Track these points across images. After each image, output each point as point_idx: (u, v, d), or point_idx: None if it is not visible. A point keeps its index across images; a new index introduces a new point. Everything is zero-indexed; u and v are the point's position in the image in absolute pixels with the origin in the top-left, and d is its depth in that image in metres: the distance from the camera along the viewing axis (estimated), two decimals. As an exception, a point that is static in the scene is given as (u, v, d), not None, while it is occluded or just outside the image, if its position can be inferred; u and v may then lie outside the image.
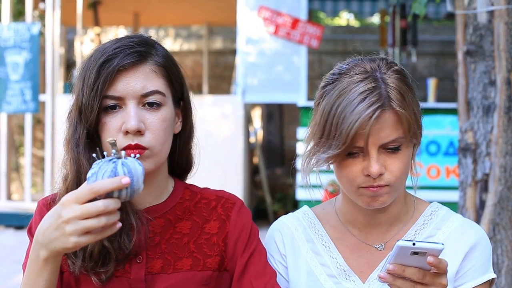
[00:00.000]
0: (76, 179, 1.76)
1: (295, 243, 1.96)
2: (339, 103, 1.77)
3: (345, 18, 19.24)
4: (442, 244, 1.57)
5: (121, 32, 15.53)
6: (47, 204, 1.86)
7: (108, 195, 1.50)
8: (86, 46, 15.04)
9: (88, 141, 1.77)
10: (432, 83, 9.19)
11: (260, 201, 10.88)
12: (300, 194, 9.49)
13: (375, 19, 15.75)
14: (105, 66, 1.73)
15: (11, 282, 6.75)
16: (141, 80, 1.75)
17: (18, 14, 11.99)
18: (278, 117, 13.75)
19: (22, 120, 11.89)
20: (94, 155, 1.60)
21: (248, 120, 10.38)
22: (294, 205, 10.53)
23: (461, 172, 3.81)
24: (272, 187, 11.25)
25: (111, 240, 1.74)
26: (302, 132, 9.45)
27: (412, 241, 1.55)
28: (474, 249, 1.87)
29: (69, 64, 14.17)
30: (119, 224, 1.51)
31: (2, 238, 9.09)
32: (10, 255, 7.98)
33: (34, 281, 1.61)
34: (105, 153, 1.60)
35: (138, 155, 1.64)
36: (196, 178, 1.97)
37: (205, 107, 9.18)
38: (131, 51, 1.76)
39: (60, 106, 9.78)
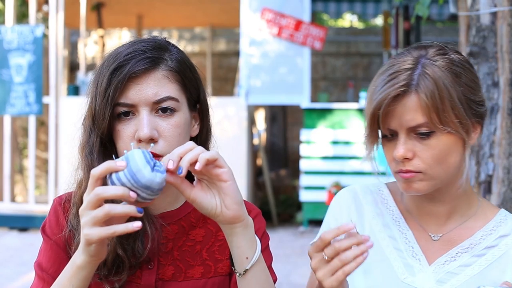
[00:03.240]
0: None
1: (364, 216, 1.95)
2: (373, 85, 1.80)
3: (349, 20, 19.25)
4: None
5: (124, 34, 15.56)
6: (62, 203, 1.84)
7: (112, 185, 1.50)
8: (89, 48, 15.06)
9: (102, 149, 1.75)
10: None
11: (263, 203, 10.87)
12: (304, 195, 9.49)
13: (379, 20, 15.76)
14: (116, 73, 1.71)
15: (16, 284, 6.75)
16: (153, 86, 1.72)
17: (21, 16, 12.01)
18: (282, 118, 13.76)
19: (25, 122, 11.91)
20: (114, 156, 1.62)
21: (252, 122, 10.38)
22: (298, 207, 10.53)
23: (464, 173, 3.80)
24: (275, 188, 11.25)
25: (125, 248, 1.74)
26: (305, 134, 9.45)
27: (494, 287, 1.57)
28: None
29: (72, 66, 14.19)
30: (137, 223, 1.47)
31: (6, 240, 9.10)
32: (14, 257, 7.99)
33: (64, 284, 1.61)
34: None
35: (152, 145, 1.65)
36: (200, 180, 1.96)
37: (208, 109, 9.18)
38: (143, 57, 1.73)
39: (64, 108, 9.79)
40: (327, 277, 1.57)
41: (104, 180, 1.49)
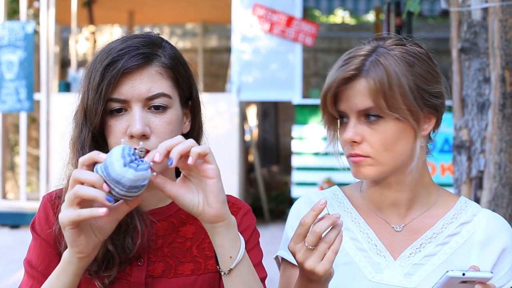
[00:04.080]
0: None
1: None
2: (330, 70, 1.86)
3: (340, 16, 19.24)
4: (491, 272, 1.61)
5: (116, 30, 15.52)
6: (52, 199, 1.83)
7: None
8: (80, 44, 15.03)
9: (93, 143, 1.74)
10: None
11: (255, 199, 10.88)
12: (296, 192, 9.50)
13: (370, 16, 15.76)
14: (110, 68, 1.70)
15: (8, 282, 6.74)
16: (146, 82, 1.72)
17: (12, 12, 11.97)
18: (273, 115, 13.76)
19: (17, 119, 11.88)
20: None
21: (243, 118, 10.38)
22: (290, 203, 10.54)
23: (455, 169, 3.81)
24: (267, 185, 11.26)
25: (115, 243, 1.73)
26: (297, 130, 9.46)
27: (462, 271, 1.58)
28: (505, 252, 1.88)
29: (63, 63, 14.16)
30: (102, 209, 1.45)
31: (-3, 237, 9.09)
32: (6, 255, 7.98)
33: (54, 280, 1.60)
34: None
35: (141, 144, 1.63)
36: (191, 176, 1.95)
37: (200, 105, 9.19)
38: (136, 53, 1.72)
39: (55, 104, 9.77)
40: (318, 262, 1.60)
41: (89, 168, 1.50)
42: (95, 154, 1.48)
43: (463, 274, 1.58)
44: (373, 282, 1.85)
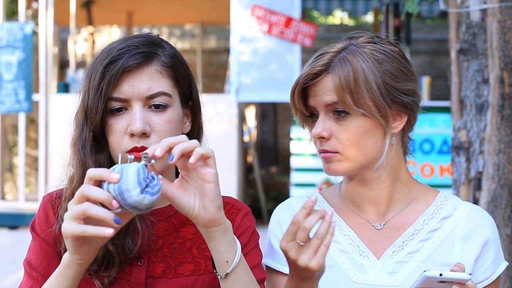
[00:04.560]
0: (82, 181, 1.73)
1: None
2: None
3: (339, 17, 19.25)
4: (470, 274, 1.62)
5: (114, 31, 15.52)
6: (52, 200, 1.84)
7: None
8: (79, 45, 15.02)
9: (94, 143, 1.75)
10: (425, 82, 9.20)
11: (254, 200, 10.88)
12: (294, 192, 9.49)
13: (369, 17, 15.76)
14: (110, 67, 1.71)
15: (6, 282, 6.73)
16: (146, 81, 1.73)
17: (11, 13, 11.97)
18: (272, 115, 13.76)
19: (15, 119, 11.87)
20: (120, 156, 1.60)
21: (242, 119, 10.38)
22: (288, 203, 10.53)
23: (454, 170, 3.81)
24: (266, 185, 11.25)
25: (115, 243, 1.73)
26: (296, 131, 9.46)
27: (439, 271, 1.59)
28: (488, 244, 1.89)
29: (62, 64, 14.15)
30: (109, 230, 1.45)
31: (-4, 238, 9.08)
32: (4, 255, 7.97)
33: (53, 284, 1.60)
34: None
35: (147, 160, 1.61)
36: (190, 177, 1.94)
37: (199, 106, 9.20)
38: (136, 52, 1.73)
39: (54, 105, 9.77)
40: (311, 258, 1.62)
41: (98, 182, 1.49)
42: (107, 174, 1.47)
43: (441, 275, 1.58)
44: (358, 283, 1.86)
